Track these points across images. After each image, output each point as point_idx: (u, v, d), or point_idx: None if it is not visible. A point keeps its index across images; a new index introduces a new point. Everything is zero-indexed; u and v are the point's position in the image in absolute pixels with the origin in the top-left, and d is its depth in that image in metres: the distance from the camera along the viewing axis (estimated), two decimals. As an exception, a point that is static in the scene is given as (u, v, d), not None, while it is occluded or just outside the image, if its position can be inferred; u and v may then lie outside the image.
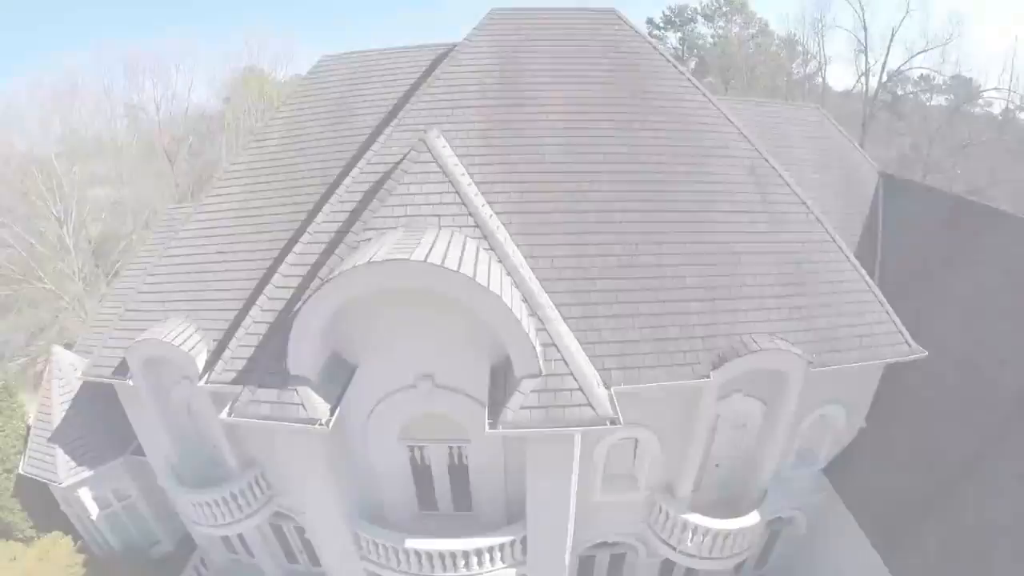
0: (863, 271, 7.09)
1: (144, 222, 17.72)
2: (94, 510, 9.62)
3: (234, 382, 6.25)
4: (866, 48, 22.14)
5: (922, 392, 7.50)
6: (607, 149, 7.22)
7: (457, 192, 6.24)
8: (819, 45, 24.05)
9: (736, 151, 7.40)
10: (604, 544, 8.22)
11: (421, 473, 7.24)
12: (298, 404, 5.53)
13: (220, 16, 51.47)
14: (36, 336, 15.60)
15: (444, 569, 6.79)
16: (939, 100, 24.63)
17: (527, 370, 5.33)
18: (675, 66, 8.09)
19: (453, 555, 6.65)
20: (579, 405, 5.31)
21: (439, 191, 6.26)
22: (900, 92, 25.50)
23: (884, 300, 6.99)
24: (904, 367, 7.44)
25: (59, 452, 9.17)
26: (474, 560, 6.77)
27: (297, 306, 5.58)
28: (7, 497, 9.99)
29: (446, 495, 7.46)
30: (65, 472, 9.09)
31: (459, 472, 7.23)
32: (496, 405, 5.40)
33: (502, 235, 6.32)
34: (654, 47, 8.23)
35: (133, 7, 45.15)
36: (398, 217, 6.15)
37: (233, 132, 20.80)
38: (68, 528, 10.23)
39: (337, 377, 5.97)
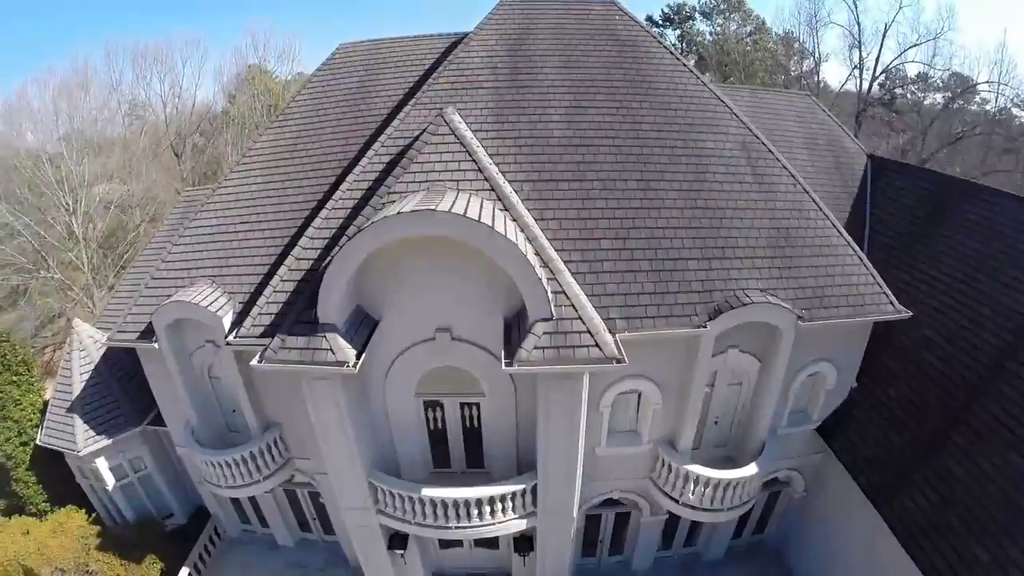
0: (849, 237, 7.85)
1: (151, 215, 18.48)
2: (110, 481, 10.10)
3: (263, 335, 6.88)
4: (860, 43, 23.51)
5: (909, 354, 8.19)
6: (608, 125, 8.03)
7: (473, 159, 7.01)
8: (814, 42, 25.54)
9: (728, 128, 8.22)
10: (610, 503, 8.80)
11: (436, 430, 7.85)
12: (327, 349, 6.16)
13: (227, 15, 53.76)
14: (44, 326, 16.16)
15: (458, 519, 7.34)
16: (936, 98, 25.86)
17: (540, 314, 6.01)
18: (671, 52, 8.98)
19: (467, 503, 7.21)
20: (587, 346, 5.98)
21: (457, 159, 7.02)
22: (899, 91, 26.77)
23: (869, 264, 7.73)
24: (892, 330, 8.19)
25: (78, 421, 9.71)
26: (487, 509, 7.33)
27: (330, 256, 6.27)
28: (23, 470, 10.48)
29: (459, 452, 8.06)
30: (83, 441, 9.61)
31: (472, 430, 7.85)
32: (511, 347, 6.08)
33: (515, 199, 7.07)
34: (651, 35, 9.13)
35: (143, 5, 47.28)
36: (420, 183, 6.89)
37: (238, 128, 21.74)
38: (81, 503, 10.70)
39: (361, 330, 6.62)
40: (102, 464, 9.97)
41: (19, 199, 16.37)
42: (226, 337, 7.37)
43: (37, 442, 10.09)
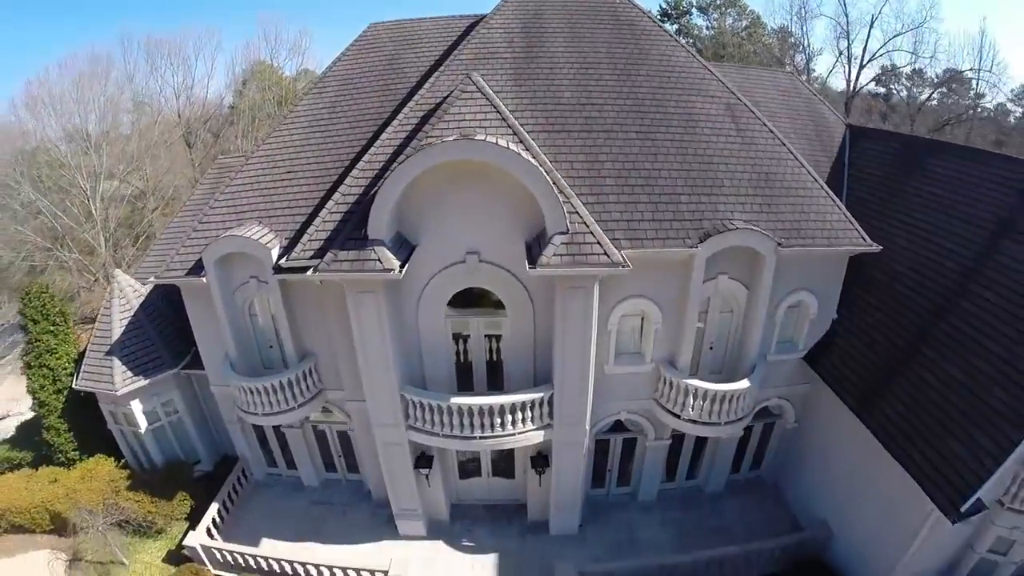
0: (822, 182, 9.73)
1: (165, 200, 20.30)
2: (143, 424, 11.44)
3: (313, 257, 8.53)
4: (848, 32, 26.70)
5: (883, 286, 9.94)
6: (611, 88, 10.02)
7: (498, 111, 8.89)
8: (804, 32, 28.83)
9: (715, 92, 10.23)
10: (617, 428, 10.30)
11: (461, 353, 9.41)
12: (375, 259, 7.84)
13: (239, 8, 58.00)
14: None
15: (482, 428, 8.84)
16: (930, 93, 28.66)
17: (557, 228, 7.75)
18: (666, 31, 11.11)
19: (491, 411, 8.73)
20: (598, 254, 7.70)
21: (484, 111, 8.90)
22: (894, 89, 29.59)
23: (840, 203, 9.58)
24: (867, 268, 9.97)
25: (116, 363, 11.14)
26: (508, 419, 8.85)
27: (379, 183, 8.02)
28: (55, 417, 11.78)
29: (481, 374, 9.62)
30: (121, 381, 11.01)
31: (494, 360, 9.42)
32: (533, 257, 7.79)
33: (532, 142, 8.91)
34: (648, 16, 11.28)
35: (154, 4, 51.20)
36: (452, 129, 8.72)
37: (247, 121, 23.90)
38: (110, 453, 11.97)
39: (402, 250, 8.31)
40: (136, 407, 11.33)
41: (39, 180, 18.09)
42: (276, 261, 9.00)
43: (73, 386, 11.45)
